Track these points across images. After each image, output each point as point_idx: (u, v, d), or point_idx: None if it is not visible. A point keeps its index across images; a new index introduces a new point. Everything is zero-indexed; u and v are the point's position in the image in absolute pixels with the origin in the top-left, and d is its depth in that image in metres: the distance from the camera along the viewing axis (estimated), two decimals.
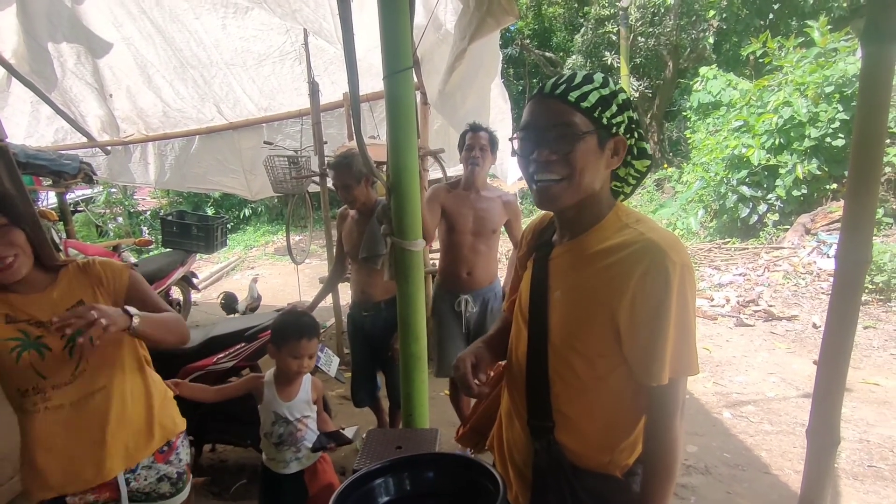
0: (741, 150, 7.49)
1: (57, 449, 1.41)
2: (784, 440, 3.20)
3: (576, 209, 1.06)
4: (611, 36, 12.67)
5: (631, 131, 1.03)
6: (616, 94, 1.00)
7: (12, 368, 1.35)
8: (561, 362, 1.09)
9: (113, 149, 5.35)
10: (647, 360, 0.99)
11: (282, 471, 2.03)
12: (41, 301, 1.40)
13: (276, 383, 2.04)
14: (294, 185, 4.43)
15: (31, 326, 1.38)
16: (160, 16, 3.96)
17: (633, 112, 1.02)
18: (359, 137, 2.10)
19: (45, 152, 4.10)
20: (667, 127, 13.75)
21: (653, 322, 0.97)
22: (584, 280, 1.04)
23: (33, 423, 1.40)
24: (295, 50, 4.38)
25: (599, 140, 0.99)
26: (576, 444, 1.11)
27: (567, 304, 1.07)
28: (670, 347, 0.97)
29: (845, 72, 6.82)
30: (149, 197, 12.21)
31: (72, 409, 1.42)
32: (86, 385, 1.43)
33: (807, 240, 6.72)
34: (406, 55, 1.96)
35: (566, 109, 0.98)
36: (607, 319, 1.01)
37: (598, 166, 1.01)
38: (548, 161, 0.99)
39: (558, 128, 0.99)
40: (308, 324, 2.03)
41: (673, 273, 0.95)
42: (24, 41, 3.79)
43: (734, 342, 4.85)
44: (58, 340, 1.39)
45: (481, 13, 2.62)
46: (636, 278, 0.96)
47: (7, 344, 1.34)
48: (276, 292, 7.58)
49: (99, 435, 1.45)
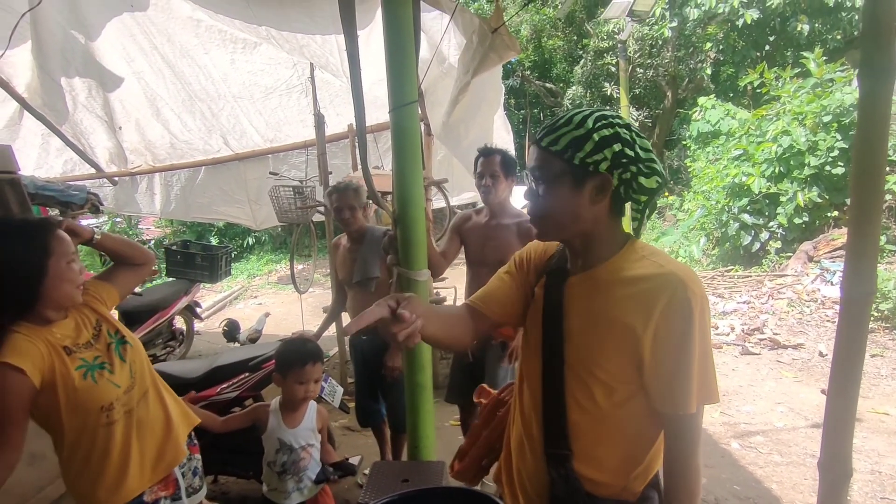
0: (741, 178, 7.55)
1: (135, 449, 1.52)
2: (795, 472, 3.14)
3: (581, 241, 1.10)
4: (610, 67, 12.93)
5: (622, 166, 1.02)
6: (592, 132, 1.01)
7: (92, 390, 1.44)
8: (580, 390, 1.09)
9: (120, 179, 5.41)
10: (672, 390, 1.01)
11: (283, 501, 2.01)
12: (68, 326, 1.49)
13: (281, 411, 2.05)
14: (299, 214, 4.47)
15: (84, 351, 1.47)
16: (171, 51, 4.06)
17: (620, 146, 1.01)
18: (365, 169, 2.14)
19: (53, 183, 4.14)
20: (667, 156, 13.89)
21: (677, 352, 0.99)
22: (604, 309, 1.05)
23: (113, 434, 1.48)
24: (301, 83, 4.47)
25: (574, 181, 1.03)
26: (593, 472, 1.11)
27: (586, 332, 1.08)
28: (695, 377, 1.00)
29: (842, 101, 6.92)
30: (153, 226, 12.30)
31: (139, 409, 1.55)
32: (141, 384, 1.58)
33: (810, 267, 6.71)
34: (412, 89, 2.01)
35: (542, 155, 1.05)
36: (630, 348, 1.02)
37: (577, 205, 1.04)
38: (532, 202, 1.09)
39: (534, 172, 1.07)
40: (311, 349, 2.07)
41: (695, 305, 0.98)
42: (38, 76, 3.88)
43: (740, 371, 4.80)
44: (107, 353, 1.52)
45: (484, 48, 2.69)
46: (659, 309, 0.99)
47: (79, 372, 1.42)
48: (280, 321, 7.56)
49: (164, 424, 1.61)
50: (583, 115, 1.04)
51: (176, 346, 5.53)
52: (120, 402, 1.49)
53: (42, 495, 2.01)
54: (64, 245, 1.42)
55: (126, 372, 1.53)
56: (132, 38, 3.89)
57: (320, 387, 2.15)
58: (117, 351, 1.53)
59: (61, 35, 3.64)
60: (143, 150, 5.11)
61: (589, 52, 13.42)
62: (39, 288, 1.36)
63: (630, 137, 1.02)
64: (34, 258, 1.36)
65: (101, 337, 1.53)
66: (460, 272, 4.00)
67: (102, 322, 1.56)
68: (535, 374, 1.16)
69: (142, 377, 1.58)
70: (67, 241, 1.44)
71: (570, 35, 15.10)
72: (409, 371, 2.15)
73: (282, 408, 2.06)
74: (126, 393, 1.51)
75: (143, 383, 1.58)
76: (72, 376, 1.40)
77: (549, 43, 15.45)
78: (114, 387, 1.48)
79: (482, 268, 2.70)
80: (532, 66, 15.85)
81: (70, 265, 1.41)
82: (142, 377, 1.58)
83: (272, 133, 5.05)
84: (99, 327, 1.54)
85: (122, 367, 1.52)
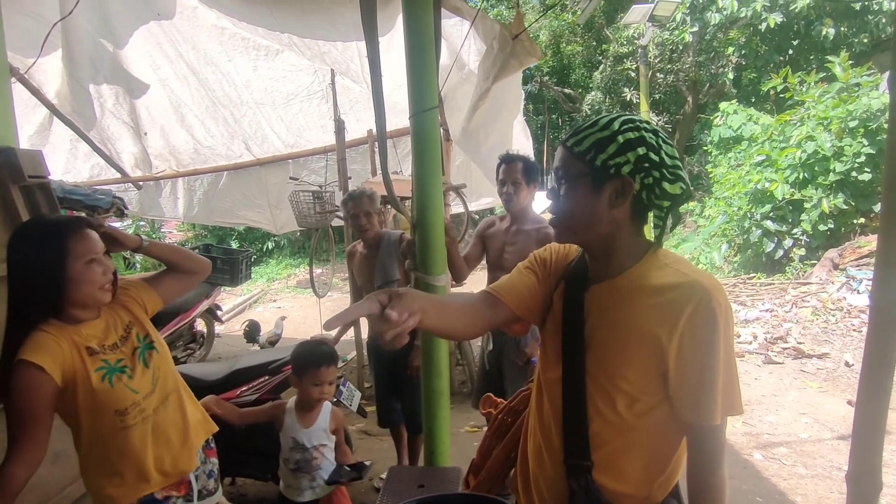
0: (764, 184, 7.44)
1: (150, 454, 1.52)
2: (820, 484, 3.07)
3: (601, 247, 1.08)
4: (629, 72, 12.85)
5: (645, 170, 1.00)
6: (617, 134, 1.00)
7: (108, 393, 1.44)
8: (602, 399, 1.07)
9: (145, 184, 5.52)
10: (698, 401, 1.00)
11: (296, 498, 2.07)
12: (98, 327, 1.50)
13: (297, 410, 2.11)
14: (318, 219, 4.51)
15: (108, 353, 1.48)
16: (195, 58, 4.14)
17: (645, 150, 0.99)
18: (385, 174, 2.16)
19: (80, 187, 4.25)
20: (687, 161, 13.74)
21: (703, 363, 0.98)
22: (628, 318, 1.04)
23: (129, 437, 1.48)
24: (322, 89, 4.53)
25: (594, 182, 1.02)
26: (614, 483, 1.09)
27: (609, 342, 1.06)
28: (720, 388, 0.98)
29: (869, 106, 6.79)
30: (175, 230, 12.51)
31: (156, 415, 1.54)
32: (162, 390, 1.57)
33: (835, 275, 6.57)
34: (432, 95, 2.02)
35: (566, 156, 1.05)
36: (655, 358, 1.01)
37: (595, 208, 1.03)
38: (552, 202, 1.09)
39: (557, 172, 1.07)
40: (326, 352, 2.12)
41: (720, 314, 0.97)
42: (68, 83, 3.99)
43: (763, 380, 4.71)
44: (131, 357, 1.52)
45: (505, 55, 2.70)
46: (685, 319, 0.97)
47: (99, 374, 1.43)
48: (298, 325, 7.63)
49: (181, 432, 1.60)
50: (609, 118, 1.03)
51: (196, 349, 5.62)
52: (137, 408, 1.49)
53: (65, 494, 2.04)
54: (83, 245, 1.40)
55: (148, 378, 1.53)
56: (158, 45, 3.98)
57: (336, 389, 2.18)
58: (142, 356, 1.54)
59: (90, 43, 3.74)
60: (167, 156, 5.21)
61: (608, 57, 13.36)
62: (59, 289, 1.38)
63: (656, 143, 1.01)
64: (50, 260, 1.37)
65: (129, 340, 1.53)
66: (479, 277, 4.00)
67: (134, 325, 1.57)
68: (555, 383, 1.14)
69: (164, 384, 1.58)
70: (90, 241, 1.42)
71: (589, 41, 15.05)
72: (426, 377, 2.15)
73: (297, 408, 2.11)
74: (145, 399, 1.51)
75: (164, 390, 1.58)
76: (90, 377, 1.41)
77: (568, 48, 15.41)
78: (130, 392, 1.47)
79: (501, 272, 2.68)
80: (550, 72, 15.82)
81: (90, 265, 1.40)
82: (164, 384, 1.58)
83: (293, 138, 5.12)
84: (129, 330, 1.55)
85: (143, 372, 1.52)
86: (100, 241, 1.46)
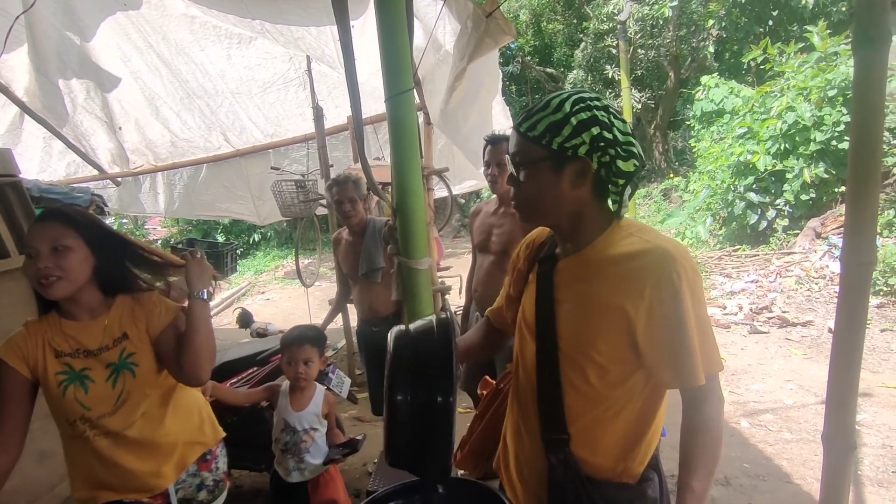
0: (747, 156, 7.48)
1: (108, 470, 1.46)
2: (805, 448, 3.14)
3: (569, 224, 1.10)
4: (611, 49, 12.77)
5: (601, 150, 1.01)
6: (570, 116, 1.01)
7: (59, 401, 1.40)
8: (574, 372, 1.09)
9: (123, 180, 5.43)
10: (678, 366, 1.01)
11: (285, 478, 2.11)
12: (92, 328, 1.44)
13: (290, 393, 2.14)
14: (302, 208, 4.48)
15: (76, 359, 1.41)
16: (166, 49, 4.05)
17: (599, 129, 1.01)
18: (363, 160, 2.14)
19: (57, 186, 4.16)
20: (671, 137, 13.76)
21: (675, 328, 0.99)
22: (595, 289, 1.06)
23: (84, 449, 1.44)
24: (299, 76, 4.46)
25: (553, 165, 1.03)
26: (591, 455, 1.11)
27: (579, 314, 1.08)
28: (697, 349, 1.00)
29: (847, 75, 6.81)
30: (159, 226, 12.37)
31: (118, 437, 1.45)
32: (128, 413, 1.46)
33: (818, 244, 6.66)
34: (406, 77, 1.99)
35: (520, 141, 1.06)
36: (623, 326, 1.03)
37: (559, 190, 1.05)
38: (514, 188, 1.10)
39: (514, 158, 1.08)
40: (306, 332, 2.16)
41: (684, 279, 0.99)
42: (36, 79, 3.89)
43: (749, 350, 4.79)
44: (102, 370, 1.43)
45: (479, 33, 2.67)
46: (650, 285, 0.99)
47: (56, 378, 1.39)
48: (287, 315, 7.61)
49: (147, 456, 1.50)
50: (560, 98, 1.04)
51: None
52: (87, 423, 1.42)
53: (54, 493, 2.04)
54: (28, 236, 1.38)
55: (109, 398, 1.43)
56: (127, 37, 3.88)
57: (325, 377, 2.19)
58: (115, 373, 1.44)
59: (56, 37, 3.64)
60: (144, 150, 5.12)
61: (589, 34, 13.26)
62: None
63: (608, 120, 1.02)
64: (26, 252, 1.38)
65: (111, 352, 1.45)
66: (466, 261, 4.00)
67: (126, 343, 1.46)
68: (531, 358, 1.16)
69: (134, 407, 1.46)
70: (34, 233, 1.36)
71: (570, 18, 14.92)
72: None
73: (290, 390, 2.15)
74: (99, 418, 1.42)
75: (132, 413, 1.46)
76: (49, 380, 1.39)
77: (549, 27, 15.28)
78: (79, 406, 1.40)
79: (486, 256, 2.69)
80: (532, 52, 15.69)
81: (29, 258, 1.35)
82: (134, 407, 1.46)
83: (272, 128, 5.05)
84: (119, 343, 1.46)
85: (106, 390, 1.43)
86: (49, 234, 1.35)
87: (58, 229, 1.36)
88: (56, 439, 1.49)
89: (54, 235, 1.35)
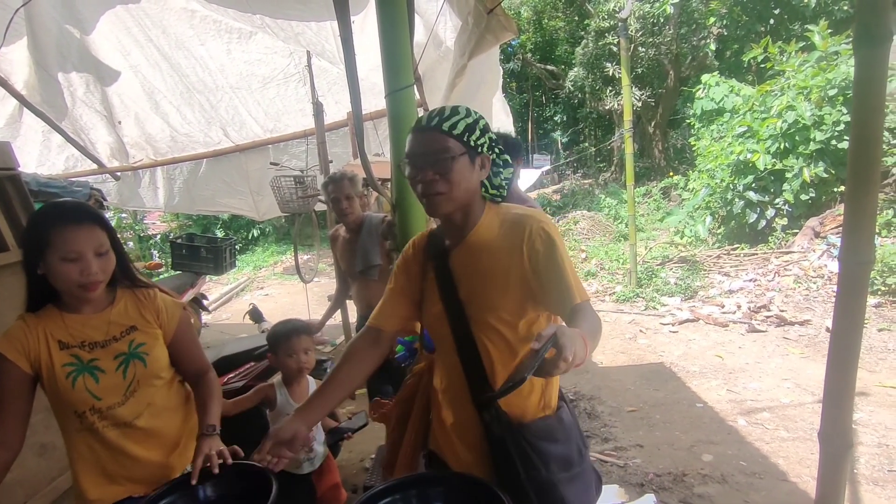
0: (746, 155, 7.48)
1: (117, 461, 1.47)
2: (801, 447, 3.15)
3: (461, 213, 1.29)
4: (611, 47, 12.76)
5: (492, 148, 1.29)
6: (478, 120, 1.26)
7: (67, 393, 1.40)
8: (487, 336, 1.28)
9: (122, 174, 5.42)
10: (562, 291, 1.20)
11: (295, 471, 2.11)
12: (97, 321, 1.45)
13: (286, 387, 2.15)
14: (300, 204, 4.47)
15: (83, 350, 1.42)
16: (166, 43, 4.04)
17: (492, 133, 1.29)
18: (363, 155, 2.14)
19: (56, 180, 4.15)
20: (671, 135, 13.77)
21: (552, 264, 1.21)
22: (485, 263, 1.27)
23: (92, 442, 1.45)
24: (299, 72, 4.45)
25: (470, 158, 1.24)
26: (516, 404, 1.29)
27: (479, 287, 1.28)
28: (571, 279, 1.20)
29: (848, 74, 6.80)
30: (158, 221, 12.34)
31: (127, 427, 1.47)
32: (137, 403, 1.48)
33: (816, 243, 6.66)
34: (407, 73, 1.99)
35: (441, 137, 1.22)
36: (516, 282, 1.24)
37: (472, 179, 1.25)
38: (433, 180, 1.22)
39: (438, 153, 1.22)
40: (296, 324, 2.20)
41: (550, 229, 1.24)
42: (35, 72, 3.88)
43: (747, 349, 4.80)
44: (111, 361, 1.45)
45: (480, 30, 2.66)
46: (525, 241, 1.23)
47: (64, 370, 1.39)
48: (286, 311, 7.61)
49: (155, 446, 1.52)
50: (464, 108, 1.27)
51: None
52: (97, 414, 1.43)
53: (53, 486, 2.04)
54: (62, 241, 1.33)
55: (119, 387, 1.45)
56: (127, 30, 3.87)
57: (313, 358, 2.21)
58: (125, 363, 1.46)
59: (56, 30, 3.63)
60: (143, 144, 5.11)
61: (590, 32, 13.24)
62: (34, 276, 1.37)
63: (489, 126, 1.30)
64: (31, 248, 1.36)
65: (120, 343, 1.46)
66: None
67: (136, 334, 1.49)
68: (448, 339, 1.33)
69: (142, 397, 1.49)
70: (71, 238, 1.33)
71: (572, 15, 14.90)
72: None
73: (286, 385, 2.16)
74: (109, 408, 1.44)
75: (141, 403, 1.49)
76: (55, 371, 1.39)
77: (551, 24, 15.26)
78: (90, 396, 1.41)
79: None
80: (534, 49, 15.67)
81: (62, 262, 1.33)
82: (142, 397, 1.49)
83: (271, 123, 5.04)
84: (128, 333, 1.48)
85: (116, 380, 1.45)
86: (93, 238, 1.36)
87: (98, 233, 1.39)
88: (56, 432, 1.48)
89: (98, 240, 1.38)
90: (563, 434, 1.33)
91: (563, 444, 1.31)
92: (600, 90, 13.74)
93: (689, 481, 2.88)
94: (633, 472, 3.02)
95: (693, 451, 3.20)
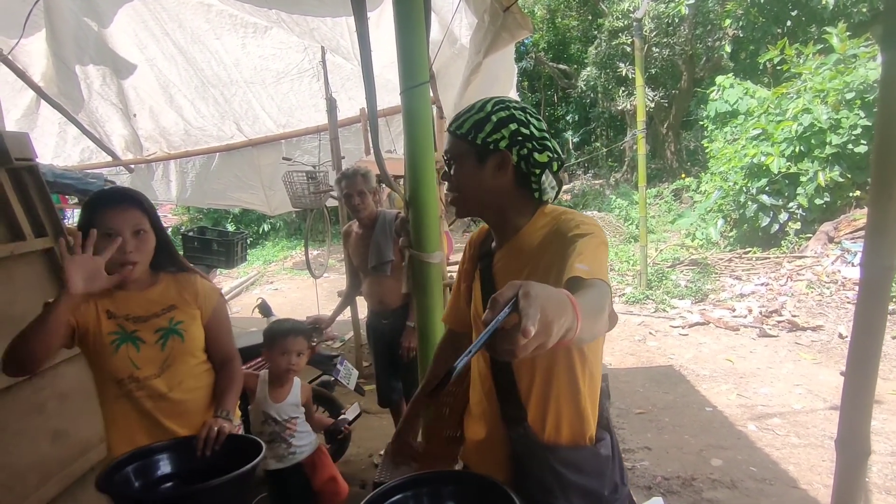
0: (760, 158, 7.40)
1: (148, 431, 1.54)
2: (812, 453, 3.12)
3: (494, 216, 1.23)
4: (625, 47, 12.67)
5: (519, 143, 1.14)
6: (491, 114, 1.15)
7: (110, 359, 1.50)
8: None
9: (136, 167, 5.47)
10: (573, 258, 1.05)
11: (278, 465, 2.14)
12: (140, 299, 1.57)
13: (269, 384, 2.17)
14: (312, 199, 4.48)
15: (128, 322, 1.53)
16: (182, 37, 4.06)
17: (516, 125, 1.14)
18: (377, 152, 2.14)
19: (71, 171, 4.19)
20: (683, 136, 13.65)
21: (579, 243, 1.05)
22: (526, 269, 1.16)
23: (127, 409, 1.54)
24: (312, 67, 4.46)
25: (477, 158, 1.16)
26: (547, 424, 1.20)
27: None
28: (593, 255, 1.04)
29: (866, 77, 6.72)
30: (170, 214, 12.44)
31: (162, 399, 1.56)
32: (172, 377, 1.58)
33: (830, 248, 6.59)
34: (423, 70, 1.98)
35: (451, 139, 1.20)
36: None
37: (481, 180, 1.17)
38: (447, 181, 1.22)
39: (445, 155, 1.22)
40: (294, 325, 2.22)
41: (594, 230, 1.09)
42: (53, 64, 3.92)
43: (758, 353, 4.76)
44: (151, 334, 1.55)
45: (496, 28, 2.65)
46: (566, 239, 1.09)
47: (109, 337, 1.50)
48: (295, 306, 7.65)
49: (185, 422, 1.59)
50: (483, 102, 1.18)
51: None
52: (135, 382, 1.52)
53: (67, 472, 2.05)
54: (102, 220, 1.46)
55: (157, 359, 1.55)
56: (144, 24, 3.90)
57: (304, 361, 2.23)
58: (165, 337, 1.56)
59: (74, 22, 3.66)
60: (157, 138, 5.15)
61: (604, 31, 13.15)
62: None
63: (524, 118, 1.16)
64: (84, 228, 1.46)
65: (160, 319, 1.57)
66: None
67: (175, 312, 1.60)
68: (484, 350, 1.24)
69: (177, 371, 1.59)
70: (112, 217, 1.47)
71: (585, 15, 14.80)
72: (422, 355, 2.15)
73: (269, 382, 2.17)
74: (147, 378, 1.53)
75: (175, 377, 1.58)
76: (102, 336, 1.49)
77: (564, 23, 15.17)
78: (131, 364, 1.51)
79: None
80: (547, 47, 15.59)
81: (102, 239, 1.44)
82: (177, 371, 1.59)
83: (284, 118, 5.06)
84: (168, 311, 1.58)
85: (155, 352, 1.54)
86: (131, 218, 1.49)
87: (138, 214, 1.51)
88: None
89: (136, 220, 1.50)
90: (596, 468, 1.23)
91: (593, 478, 1.22)
92: (613, 90, 13.64)
93: (697, 485, 2.86)
94: (641, 474, 3.00)
95: (702, 455, 3.18)
